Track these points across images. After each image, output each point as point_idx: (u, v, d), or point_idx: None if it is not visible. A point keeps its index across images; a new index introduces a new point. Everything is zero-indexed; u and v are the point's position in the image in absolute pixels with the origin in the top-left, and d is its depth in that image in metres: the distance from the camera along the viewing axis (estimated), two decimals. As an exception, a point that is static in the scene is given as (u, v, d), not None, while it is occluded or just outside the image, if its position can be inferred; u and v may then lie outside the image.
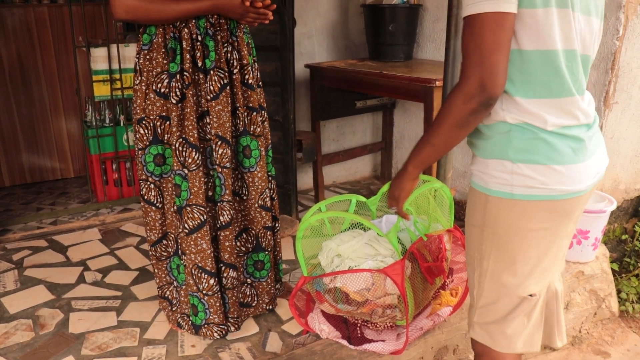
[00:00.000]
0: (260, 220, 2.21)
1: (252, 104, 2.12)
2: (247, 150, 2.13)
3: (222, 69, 2.00)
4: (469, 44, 1.20)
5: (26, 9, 3.98)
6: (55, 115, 4.18)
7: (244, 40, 2.07)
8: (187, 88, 1.96)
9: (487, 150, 1.36)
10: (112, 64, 3.50)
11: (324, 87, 3.58)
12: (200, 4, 1.90)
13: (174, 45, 1.95)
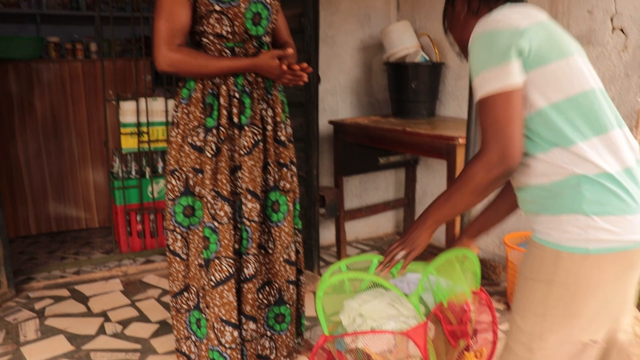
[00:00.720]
0: (284, 273, 2.21)
1: (283, 160, 2.16)
2: (275, 205, 2.16)
3: (257, 125, 2.05)
4: (485, 120, 1.32)
5: (61, 64, 4.14)
6: (83, 166, 4.27)
7: (279, 99, 2.14)
8: (223, 142, 2.01)
9: (556, 207, 1.35)
10: (140, 117, 3.59)
11: (347, 143, 3.61)
12: (240, 62, 1.98)
13: (211, 100, 2.01)
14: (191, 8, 1.97)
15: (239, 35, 2.01)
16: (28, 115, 4.07)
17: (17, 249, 3.89)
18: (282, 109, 2.17)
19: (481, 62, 1.33)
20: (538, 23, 1.35)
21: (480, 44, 1.35)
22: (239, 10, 1.97)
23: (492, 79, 1.31)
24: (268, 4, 2.05)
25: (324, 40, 3.67)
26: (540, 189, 1.38)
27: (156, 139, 3.66)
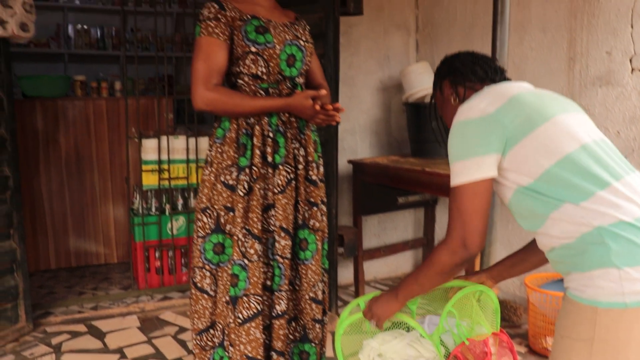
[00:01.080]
0: (310, 312, 2.20)
1: (314, 199, 2.17)
2: (303, 243, 2.16)
3: (290, 164, 2.09)
4: (452, 209, 1.44)
5: (86, 102, 4.23)
6: (104, 202, 4.32)
7: (311, 138, 2.17)
8: (255, 182, 2.04)
9: (585, 264, 1.32)
10: (161, 154, 3.64)
11: (366, 182, 3.62)
12: (274, 102, 2.03)
13: (245, 140, 2.05)
14: (228, 49, 2.03)
15: (273, 76, 2.07)
16: (52, 151, 4.15)
17: (36, 282, 3.91)
18: (315, 149, 2.20)
19: (454, 152, 1.45)
20: (508, 101, 1.44)
21: (453, 135, 1.46)
22: (274, 51, 2.03)
23: (462, 171, 1.42)
24: (302, 46, 2.11)
25: (344, 80, 3.72)
26: (565, 249, 1.37)
27: (176, 176, 3.70)
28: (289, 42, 2.07)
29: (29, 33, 2.91)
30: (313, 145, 2.18)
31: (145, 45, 5.94)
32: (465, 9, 3.72)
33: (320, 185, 2.22)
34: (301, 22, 2.25)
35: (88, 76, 4.87)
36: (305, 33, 2.19)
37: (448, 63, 1.70)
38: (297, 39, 2.11)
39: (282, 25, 2.11)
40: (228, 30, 2.03)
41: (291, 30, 2.12)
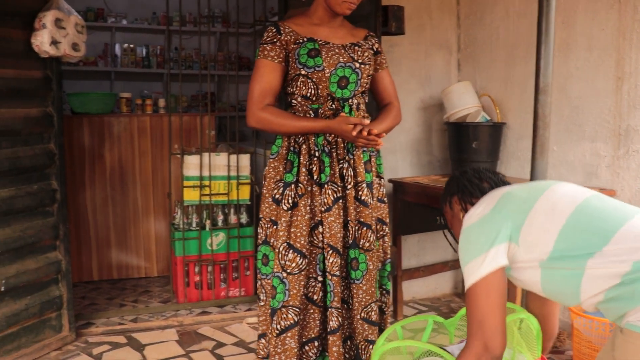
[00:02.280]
0: (362, 332, 2.21)
1: (364, 219, 2.18)
2: (354, 262, 2.18)
3: (336, 183, 2.13)
4: (468, 314, 1.46)
5: (131, 118, 4.34)
6: (146, 217, 4.40)
7: (362, 159, 2.19)
8: (301, 197, 2.10)
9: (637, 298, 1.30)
10: (202, 171, 3.70)
11: (406, 201, 3.60)
12: (316, 124, 2.11)
13: (292, 158, 2.14)
14: (282, 71, 2.15)
15: (322, 98, 2.14)
16: (98, 166, 4.26)
17: (79, 293, 4.00)
18: (368, 169, 2.22)
19: (463, 257, 1.50)
20: (501, 197, 1.54)
21: (460, 243, 1.53)
22: (323, 74, 2.11)
23: (472, 270, 1.45)
24: (357, 68, 2.16)
25: (385, 99, 3.72)
26: (612, 297, 1.35)
27: (217, 192, 3.75)
28: (341, 64, 2.13)
29: (79, 53, 3.01)
30: (364, 166, 2.20)
31: (188, 64, 6.07)
32: (508, 28, 3.69)
33: (373, 205, 2.22)
34: (369, 40, 2.30)
35: (133, 93, 4.99)
36: (364, 55, 2.21)
37: (456, 181, 1.79)
38: (353, 61, 2.15)
39: (340, 47, 2.16)
40: (283, 53, 2.14)
41: (348, 52, 2.16)
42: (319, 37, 2.17)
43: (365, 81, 2.21)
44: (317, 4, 2.21)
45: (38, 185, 2.98)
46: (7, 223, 2.82)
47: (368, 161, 2.23)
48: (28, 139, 2.92)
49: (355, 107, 2.20)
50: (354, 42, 2.22)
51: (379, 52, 2.33)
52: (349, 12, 2.18)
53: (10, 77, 2.80)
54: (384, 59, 2.35)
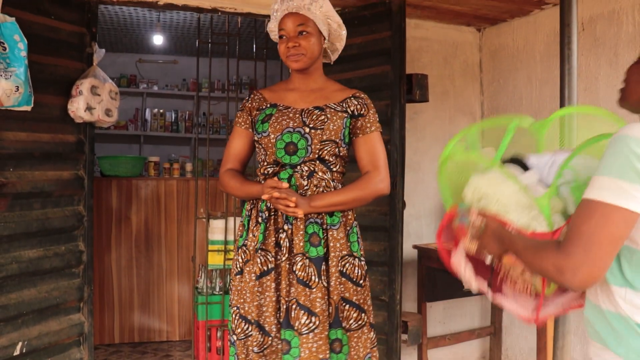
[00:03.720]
0: None
1: (299, 298, 1.94)
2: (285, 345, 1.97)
3: (270, 252, 1.99)
4: (583, 225, 1.16)
5: (158, 181, 4.41)
6: (170, 280, 4.40)
7: (300, 229, 1.97)
8: (246, 263, 2.04)
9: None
10: (227, 235, 3.71)
11: (431, 268, 3.55)
12: (253, 188, 2.05)
13: (245, 222, 2.11)
14: (248, 137, 2.17)
15: (270, 164, 2.07)
16: (124, 228, 4.30)
17: (100, 356, 3.96)
18: (315, 242, 1.97)
19: (613, 167, 1.15)
20: None
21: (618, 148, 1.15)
22: (269, 140, 2.04)
23: (616, 191, 1.13)
24: (307, 133, 2.01)
25: (410, 165, 3.74)
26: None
27: (241, 256, 3.74)
28: (289, 129, 2.01)
29: (112, 118, 3.11)
30: (310, 238, 1.98)
31: (216, 128, 6.22)
32: (530, 94, 3.72)
33: (314, 285, 1.94)
34: (348, 102, 2.09)
35: (161, 157, 5.10)
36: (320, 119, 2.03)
37: None
38: (303, 125, 2.01)
39: (297, 111, 2.05)
40: (248, 120, 2.15)
41: (302, 117, 2.03)
42: (284, 102, 2.10)
43: (318, 147, 2.01)
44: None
45: (65, 247, 3.01)
46: (34, 284, 2.84)
47: (315, 234, 1.97)
48: (59, 200, 2.98)
49: (306, 174, 2.01)
50: (318, 106, 2.06)
51: (361, 115, 2.08)
52: (298, 64, 2.04)
53: (45, 141, 2.89)
54: (369, 123, 2.08)
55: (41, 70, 2.82)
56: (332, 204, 1.98)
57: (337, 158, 2.07)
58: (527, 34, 3.76)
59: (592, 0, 3.27)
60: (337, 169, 2.08)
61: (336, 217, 2.02)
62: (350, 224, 2.07)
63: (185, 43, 6.02)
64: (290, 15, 2.04)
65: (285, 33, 2.05)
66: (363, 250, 2.12)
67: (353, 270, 2.02)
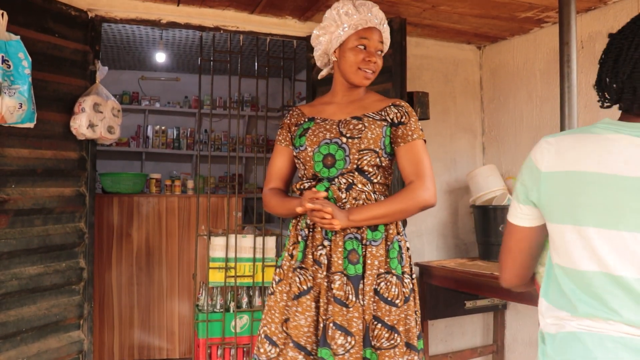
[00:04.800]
0: None
1: (336, 319, 1.87)
2: None
3: (308, 270, 1.93)
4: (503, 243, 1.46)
5: (160, 198, 4.42)
6: (170, 297, 4.38)
7: (340, 246, 1.90)
8: (277, 283, 1.99)
9: None
10: (228, 252, 3.70)
11: (432, 285, 3.54)
12: (291, 204, 1.99)
13: (286, 242, 2.06)
14: (289, 154, 2.13)
15: (308, 178, 2.02)
16: (125, 245, 4.30)
17: (99, 376, 3.93)
18: (354, 260, 1.89)
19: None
20: (565, 172, 1.19)
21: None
22: (306, 154, 2.00)
23: (511, 210, 1.37)
24: (344, 143, 1.94)
25: (410, 182, 3.74)
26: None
27: (243, 274, 3.73)
28: (326, 141, 1.96)
29: (114, 135, 3.12)
30: (348, 254, 1.90)
31: (217, 145, 6.24)
32: (531, 112, 3.74)
33: (351, 305, 1.86)
34: (387, 111, 2.02)
35: (163, 173, 5.11)
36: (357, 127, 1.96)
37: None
38: (340, 136, 1.95)
39: (335, 123, 2.01)
40: (288, 136, 2.13)
41: (339, 127, 1.98)
42: (322, 115, 2.07)
43: (357, 157, 1.93)
44: (335, 81, 2.13)
45: (66, 263, 3.01)
46: (34, 301, 2.83)
47: (354, 251, 1.89)
48: (60, 217, 2.98)
49: (344, 187, 1.93)
50: (356, 116, 2.00)
51: (402, 122, 1.99)
52: (367, 82, 2.04)
53: (47, 158, 2.90)
54: (411, 131, 1.98)
55: (45, 88, 2.84)
56: (372, 217, 1.88)
57: (378, 169, 1.98)
58: (527, 51, 3.78)
59: (590, 19, 3.30)
60: (378, 180, 1.99)
61: (379, 233, 1.92)
62: (392, 239, 1.94)
63: (188, 61, 6.06)
64: (375, 30, 2.02)
65: (367, 44, 2.01)
66: (409, 266, 1.97)
67: (388, 289, 1.89)
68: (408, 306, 1.92)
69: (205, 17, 3.40)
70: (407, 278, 1.95)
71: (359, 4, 2.02)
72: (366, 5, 2.02)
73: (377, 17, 2.03)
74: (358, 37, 2.00)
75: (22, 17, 2.76)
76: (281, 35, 3.63)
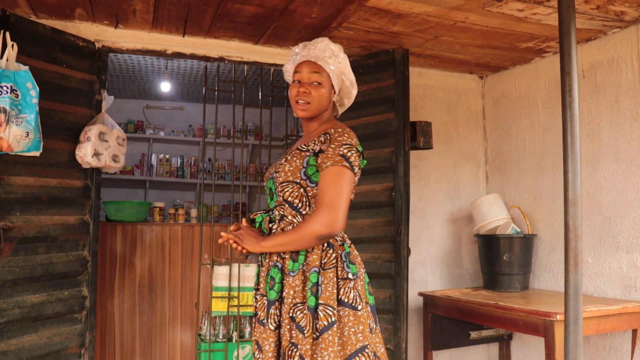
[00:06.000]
0: None
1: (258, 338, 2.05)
2: None
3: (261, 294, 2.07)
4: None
5: (163, 227, 4.41)
6: (172, 326, 4.35)
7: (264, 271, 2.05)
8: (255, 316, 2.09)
9: None
10: (231, 281, 3.69)
11: (436, 315, 3.51)
12: None
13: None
14: None
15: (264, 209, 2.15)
16: (128, 273, 4.28)
17: (100, 407, 3.88)
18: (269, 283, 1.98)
19: None
20: None
21: None
22: (264, 188, 2.16)
23: None
24: (272, 176, 2.09)
25: (414, 212, 3.74)
26: None
27: (246, 303, 3.71)
28: (270, 175, 2.12)
29: (119, 164, 3.14)
30: (267, 278, 2.00)
31: (221, 174, 6.25)
32: (534, 141, 3.75)
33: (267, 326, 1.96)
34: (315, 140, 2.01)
35: (166, 202, 5.12)
36: (285, 160, 2.04)
37: None
38: (274, 171, 2.08)
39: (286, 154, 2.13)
40: None
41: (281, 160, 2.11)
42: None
43: (279, 189, 2.02)
44: None
45: (69, 292, 3.00)
46: (35, 329, 2.82)
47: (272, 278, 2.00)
48: (63, 245, 2.98)
49: (277, 218, 2.03)
50: (298, 147, 2.06)
51: (321, 151, 1.96)
52: (303, 113, 2.07)
53: (52, 186, 2.92)
54: (326, 159, 1.93)
55: (51, 116, 2.87)
56: (276, 244, 1.95)
57: (307, 199, 1.99)
58: (529, 81, 3.82)
59: (591, 49, 3.33)
60: (306, 211, 2.00)
61: (297, 264, 1.94)
62: (309, 269, 1.93)
63: (192, 90, 6.12)
64: (308, 62, 2.08)
65: (299, 77, 2.09)
66: (331, 298, 1.90)
67: (300, 319, 1.89)
68: (322, 339, 1.86)
69: (210, 47, 3.45)
70: (329, 310, 1.88)
71: (312, 42, 2.12)
72: (315, 42, 2.11)
73: (318, 50, 2.08)
74: (294, 72, 2.13)
75: (32, 48, 2.81)
76: (285, 66, 3.67)
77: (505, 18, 2.97)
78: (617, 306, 2.90)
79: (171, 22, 3.20)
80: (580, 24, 3.04)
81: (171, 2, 2.90)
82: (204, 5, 2.93)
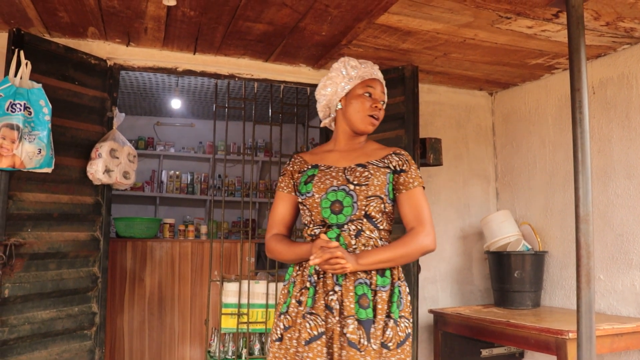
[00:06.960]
0: None
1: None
2: None
3: (320, 316, 1.93)
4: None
5: (173, 243, 4.43)
6: (182, 343, 4.34)
7: (350, 290, 1.94)
8: (286, 330, 1.99)
9: None
10: (241, 298, 3.68)
11: (447, 333, 3.48)
12: (301, 249, 2.01)
13: (290, 289, 2.06)
14: (292, 201, 2.17)
15: (317, 225, 2.05)
16: (138, 289, 4.29)
17: None
18: (364, 304, 1.92)
19: None
20: None
21: None
22: (313, 200, 2.04)
23: None
24: (352, 190, 2.00)
25: (424, 227, 3.73)
26: None
27: (255, 320, 3.70)
28: (334, 188, 2.01)
29: (129, 181, 3.16)
30: (359, 299, 1.93)
31: (231, 191, 6.27)
32: (544, 157, 3.74)
33: (363, 349, 1.87)
34: (389, 159, 2.10)
35: (176, 218, 5.14)
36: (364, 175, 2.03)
37: None
38: (348, 183, 2.01)
39: (340, 170, 2.07)
40: (291, 183, 2.17)
41: (345, 175, 2.04)
42: (325, 162, 2.13)
43: (364, 203, 2.00)
44: (336, 130, 2.21)
45: (79, 308, 3.00)
46: (45, 346, 2.82)
47: (365, 295, 1.93)
48: (74, 261, 3.00)
49: (353, 233, 1.99)
50: (361, 163, 2.08)
51: (403, 170, 2.08)
52: (372, 128, 2.13)
53: (63, 202, 2.94)
54: (411, 179, 2.07)
55: (63, 133, 2.90)
56: (379, 261, 1.95)
57: (383, 215, 2.05)
58: (539, 97, 3.81)
59: (601, 65, 3.33)
60: (383, 227, 2.06)
61: (387, 279, 1.98)
62: (394, 284, 2.00)
63: (203, 107, 6.16)
64: (379, 82, 2.17)
65: (373, 92, 2.14)
66: (407, 311, 2.00)
67: (384, 332, 1.93)
68: (402, 350, 1.94)
69: (220, 65, 3.48)
70: (404, 322, 1.97)
71: (362, 61, 2.19)
72: (369, 63, 2.20)
73: (379, 73, 2.20)
74: (364, 85, 2.14)
75: (45, 66, 2.85)
76: (295, 83, 3.70)
77: (515, 35, 2.98)
78: (631, 324, 2.86)
79: (182, 41, 3.23)
80: (589, 41, 3.05)
81: (182, 21, 2.93)
82: (215, 24, 2.96)
